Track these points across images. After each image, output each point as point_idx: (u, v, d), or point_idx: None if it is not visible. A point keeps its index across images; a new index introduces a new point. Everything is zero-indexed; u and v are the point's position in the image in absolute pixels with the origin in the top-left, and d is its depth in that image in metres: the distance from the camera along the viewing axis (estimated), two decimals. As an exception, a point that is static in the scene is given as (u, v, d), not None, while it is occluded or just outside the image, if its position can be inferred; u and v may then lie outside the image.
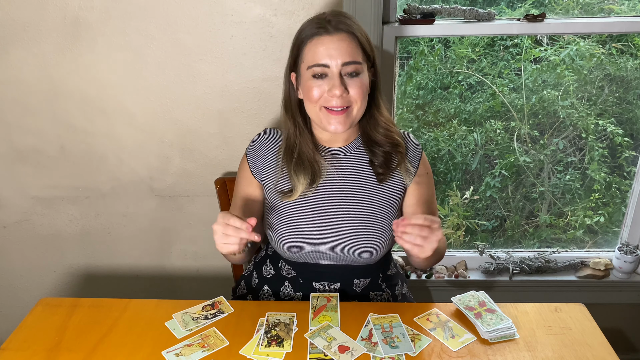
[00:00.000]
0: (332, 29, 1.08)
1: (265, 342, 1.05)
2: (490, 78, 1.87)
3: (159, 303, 1.17)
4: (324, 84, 1.09)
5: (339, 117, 1.11)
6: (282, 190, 1.22)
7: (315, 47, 1.08)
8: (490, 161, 1.95)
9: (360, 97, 1.11)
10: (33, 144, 1.68)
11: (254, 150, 1.27)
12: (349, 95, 1.10)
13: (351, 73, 1.09)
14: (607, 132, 1.84)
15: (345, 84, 1.09)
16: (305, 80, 1.11)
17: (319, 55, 1.08)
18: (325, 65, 1.08)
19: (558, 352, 1.04)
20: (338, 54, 1.07)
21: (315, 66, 1.08)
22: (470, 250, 1.94)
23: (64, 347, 1.06)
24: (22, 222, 1.81)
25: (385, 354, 1.02)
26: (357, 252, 1.20)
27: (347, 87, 1.09)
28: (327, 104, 1.10)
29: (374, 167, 1.22)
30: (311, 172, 1.18)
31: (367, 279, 1.25)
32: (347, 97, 1.10)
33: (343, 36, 1.08)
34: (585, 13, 1.70)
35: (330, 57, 1.07)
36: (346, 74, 1.09)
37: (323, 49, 1.07)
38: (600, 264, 1.85)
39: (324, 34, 1.08)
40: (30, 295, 1.94)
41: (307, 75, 1.10)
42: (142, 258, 1.86)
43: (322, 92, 1.10)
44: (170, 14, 1.49)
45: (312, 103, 1.12)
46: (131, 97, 1.60)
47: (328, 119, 1.12)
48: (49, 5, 1.48)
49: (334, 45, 1.07)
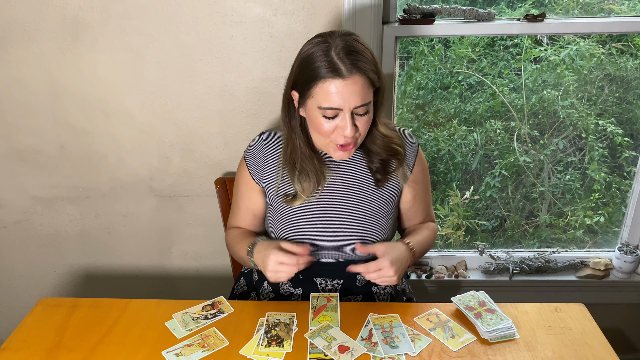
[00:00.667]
0: (345, 73, 1.04)
1: (265, 342, 1.05)
2: (490, 78, 1.87)
3: (159, 303, 1.17)
4: (334, 122, 1.09)
5: (346, 152, 1.14)
6: (285, 194, 1.22)
7: (328, 90, 1.05)
8: (490, 161, 1.95)
9: (365, 129, 1.13)
10: (33, 144, 1.68)
11: (253, 156, 1.26)
12: (356, 132, 1.11)
13: (360, 113, 1.09)
14: (607, 132, 1.84)
15: (354, 120, 1.09)
16: (315, 116, 1.10)
17: (331, 99, 1.06)
18: (337, 109, 1.07)
19: (558, 352, 1.04)
20: (352, 99, 1.06)
21: (328, 109, 1.07)
22: (470, 250, 1.94)
23: (64, 347, 1.06)
24: (22, 222, 1.81)
25: (385, 354, 1.02)
26: (357, 251, 1.20)
27: (356, 123, 1.10)
28: (336, 140, 1.11)
29: (372, 173, 1.23)
30: (315, 179, 1.19)
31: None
32: (355, 135, 1.11)
33: (356, 79, 1.05)
34: (585, 13, 1.70)
35: (343, 101, 1.06)
36: (356, 114, 1.09)
37: (336, 94, 1.05)
38: (600, 264, 1.85)
39: (337, 78, 1.04)
40: (30, 295, 1.94)
41: (317, 112, 1.09)
42: (142, 258, 1.86)
43: (332, 128, 1.10)
44: (170, 14, 1.49)
45: (322, 136, 1.13)
46: (131, 97, 1.60)
47: (335, 150, 1.14)
48: (49, 5, 1.48)
49: (348, 90, 1.05)
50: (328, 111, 1.07)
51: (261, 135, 1.28)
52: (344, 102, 1.05)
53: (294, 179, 1.19)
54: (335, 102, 1.05)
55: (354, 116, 1.09)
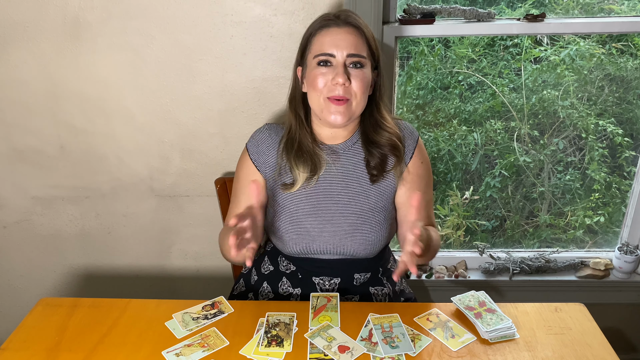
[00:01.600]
0: (340, 22, 1.14)
1: (265, 342, 1.05)
2: (490, 78, 1.87)
3: (159, 303, 1.17)
4: (329, 73, 1.13)
5: (340, 108, 1.14)
6: (284, 182, 1.22)
7: (323, 38, 1.14)
8: (490, 161, 1.95)
9: (361, 90, 1.14)
10: (33, 144, 1.68)
11: (256, 145, 1.27)
12: (350, 86, 1.13)
13: (355, 64, 1.13)
14: (607, 132, 1.84)
15: (349, 74, 1.13)
16: (311, 70, 1.15)
17: (325, 45, 1.13)
18: (331, 55, 1.12)
19: (558, 352, 1.04)
20: (344, 44, 1.12)
21: (321, 55, 1.13)
22: (470, 250, 1.94)
23: (64, 347, 1.06)
24: (22, 222, 1.81)
25: (385, 354, 1.02)
26: (356, 246, 1.21)
27: (350, 77, 1.13)
28: (330, 93, 1.14)
29: (369, 168, 1.23)
30: (311, 163, 1.20)
31: (368, 273, 1.26)
32: (348, 88, 1.13)
33: (351, 30, 1.13)
34: (585, 13, 1.70)
35: (336, 47, 1.12)
36: (350, 65, 1.13)
37: (330, 39, 1.13)
38: (600, 264, 1.85)
39: (333, 26, 1.13)
40: (30, 295, 1.94)
41: (313, 64, 1.15)
42: (142, 258, 1.86)
43: (326, 80, 1.13)
44: (170, 14, 1.49)
45: (316, 92, 1.15)
46: (131, 97, 1.60)
47: (329, 108, 1.15)
48: (49, 5, 1.48)
49: (341, 37, 1.12)
50: (322, 57, 1.13)
51: (265, 125, 1.30)
52: (337, 48, 1.12)
53: (291, 161, 1.21)
54: (328, 47, 1.12)
55: (348, 69, 1.13)
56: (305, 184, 1.21)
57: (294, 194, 1.22)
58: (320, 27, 1.15)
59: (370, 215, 1.22)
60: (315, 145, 1.22)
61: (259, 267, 1.33)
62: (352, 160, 1.24)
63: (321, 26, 1.15)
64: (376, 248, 1.23)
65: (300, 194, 1.22)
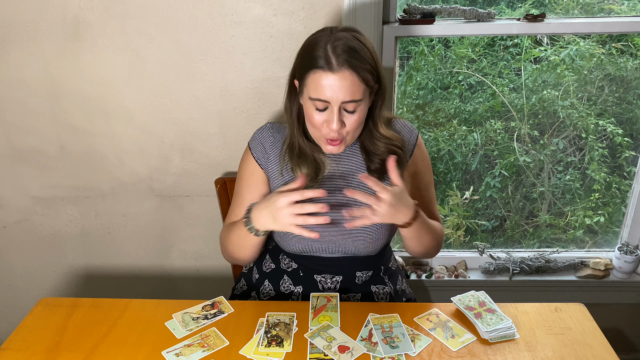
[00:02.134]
0: (336, 67, 1.06)
1: (265, 342, 1.05)
2: (490, 78, 1.87)
3: (159, 303, 1.17)
4: (324, 115, 1.12)
5: (334, 147, 1.15)
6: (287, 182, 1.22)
7: (319, 81, 1.08)
8: (490, 161, 1.95)
9: (354, 127, 1.14)
10: (33, 144, 1.68)
11: (259, 144, 1.27)
12: (344, 128, 1.12)
13: (350, 111, 1.11)
14: (607, 132, 1.84)
15: (343, 118, 1.11)
16: (308, 107, 1.14)
17: (320, 91, 1.08)
18: (325, 101, 1.10)
19: (558, 352, 1.04)
20: (340, 92, 1.07)
21: (317, 100, 1.10)
22: (470, 250, 1.94)
23: (64, 347, 1.06)
24: (22, 222, 1.81)
25: (385, 354, 1.02)
26: (357, 244, 1.21)
27: (344, 119, 1.12)
28: (326, 135, 1.14)
29: (370, 172, 1.23)
30: (314, 165, 1.20)
31: (369, 271, 1.26)
32: (342, 131, 1.13)
33: (346, 75, 1.06)
34: (585, 13, 1.70)
35: (331, 94, 1.08)
36: (345, 109, 1.11)
37: (326, 86, 1.08)
38: (600, 264, 1.85)
39: (328, 71, 1.07)
40: (30, 295, 1.94)
41: (309, 103, 1.12)
42: (142, 258, 1.86)
43: (322, 121, 1.12)
44: (170, 14, 1.49)
45: (313, 127, 1.15)
46: (131, 97, 1.60)
47: (325, 144, 1.16)
48: (49, 5, 1.48)
49: (337, 84, 1.07)
50: (317, 102, 1.10)
51: (267, 124, 1.30)
52: (332, 95, 1.08)
53: (294, 163, 1.20)
54: (323, 94, 1.08)
55: (343, 112, 1.11)
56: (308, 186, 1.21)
57: None
58: (317, 68, 1.07)
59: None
60: (316, 151, 1.22)
61: (260, 265, 1.33)
62: (353, 160, 1.24)
63: (318, 66, 1.07)
64: (377, 246, 1.24)
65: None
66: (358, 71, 1.07)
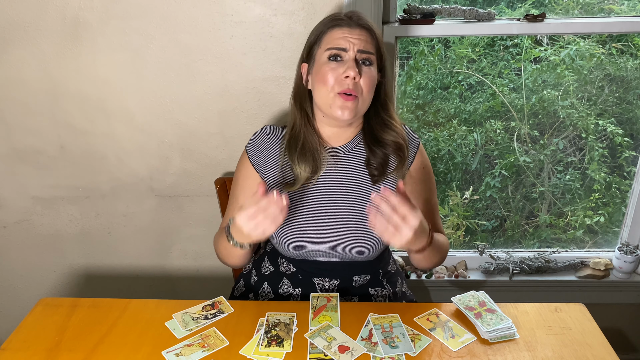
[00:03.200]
0: (353, 23, 1.16)
1: (265, 342, 1.05)
2: (490, 78, 1.87)
3: (159, 303, 1.17)
4: (339, 67, 1.14)
5: (348, 103, 1.14)
6: (285, 182, 1.22)
7: (335, 34, 1.16)
8: (490, 161, 1.95)
9: (368, 87, 1.16)
10: (33, 144, 1.68)
11: (256, 148, 1.27)
12: (359, 81, 1.14)
13: (364, 60, 1.16)
14: (607, 132, 1.84)
15: (360, 69, 1.14)
16: (321, 65, 1.16)
17: (338, 40, 1.15)
18: (343, 49, 1.15)
19: (558, 352, 1.04)
20: (356, 41, 1.15)
21: (334, 49, 1.15)
22: (470, 250, 1.94)
23: (64, 347, 1.06)
24: (22, 222, 1.81)
25: (385, 354, 1.02)
26: (355, 250, 1.21)
27: (360, 72, 1.14)
28: (339, 88, 1.14)
29: (370, 169, 1.22)
30: (312, 162, 1.20)
31: (367, 275, 1.26)
32: (357, 84, 1.14)
33: (363, 31, 1.16)
34: (585, 13, 1.70)
35: (349, 42, 1.15)
36: (361, 60, 1.15)
37: (342, 36, 1.15)
38: (600, 264, 1.85)
39: (345, 26, 1.16)
40: (30, 295, 1.94)
41: (324, 58, 1.16)
42: (142, 258, 1.86)
43: (336, 75, 1.14)
44: (170, 14, 1.49)
45: (326, 86, 1.15)
46: (131, 97, 1.60)
47: (337, 102, 1.15)
48: (49, 5, 1.48)
49: (354, 35, 1.15)
50: (334, 50, 1.15)
51: (265, 127, 1.30)
52: (349, 43, 1.14)
53: (294, 159, 1.20)
54: (342, 43, 1.15)
55: (358, 64, 1.15)
56: (305, 184, 1.21)
57: (294, 198, 1.21)
58: (332, 25, 1.17)
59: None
60: (320, 144, 1.23)
61: (259, 267, 1.33)
62: (352, 163, 1.24)
63: (333, 25, 1.17)
64: (376, 251, 1.23)
65: (300, 198, 1.22)
66: (372, 32, 1.17)
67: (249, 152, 1.28)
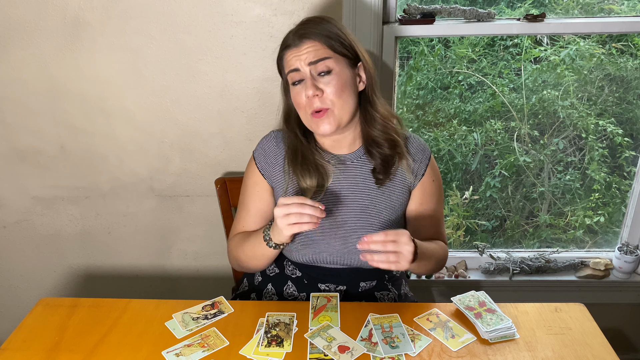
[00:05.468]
0: (297, 40, 1.13)
1: (265, 342, 1.05)
2: (490, 78, 1.87)
3: (159, 303, 1.17)
4: (302, 90, 1.13)
5: (323, 119, 1.14)
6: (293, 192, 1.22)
7: (287, 57, 1.15)
8: (490, 161, 1.95)
9: (337, 94, 1.12)
10: (33, 144, 1.68)
11: (264, 154, 1.26)
12: (324, 95, 1.12)
13: (321, 72, 1.12)
14: (607, 132, 1.84)
15: (318, 83, 1.12)
16: (291, 91, 1.17)
17: (290, 62, 1.14)
18: (295, 70, 1.13)
19: (558, 352, 1.04)
20: (305, 55, 1.13)
21: (290, 71, 1.14)
22: (470, 250, 1.94)
23: (64, 347, 1.06)
24: (22, 222, 1.81)
25: (385, 354, 1.02)
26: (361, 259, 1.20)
27: (320, 86, 1.12)
28: (309, 108, 1.14)
29: (374, 173, 1.22)
30: (317, 175, 1.19)
31: (373, 281, 1.26)
32: (323, 98, 1.12)
33: (309, 41, 1.12)
34: (585, 13, 1.70)
35: (298, 60, 1.13)
36: (318, 74, 1.12)
37: (292, 57, 1.14)
38: (600, 264, 1.85)
39: (292, 45, 1.14)
40: (30, 295, 1.94)
41: (289, 86, 1.17)
42: (142, 258, 1.86)
43: (302, 98, 1.14)
44: (170, 14, 1.49)
45: (300, 109, 1.16)
46: (131, 97, 1.60)
47: (315, 122, 1.15)
48: (49, 5, 1.48)
49: (301, 51, 1.13)
50: (290, 75, 1.14)
51: (272, 133, 1.29)
52: (298, 61, 1.13)
53: (297, 173, 1.19)
54: (293, 63, 1.13)
55: (317, 77, 1.12)
56: (314, 196, 1.19)
57: None
58: (283, 49, 1.16)
59: (378, 228, 1.20)
60: (321, 158, 1.21)
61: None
62: (360, 171, 1.23)
63: (283, 48, 1.16)
64: None
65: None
66: (315, 38, 1.13)
67: (256, 159, 1.27)
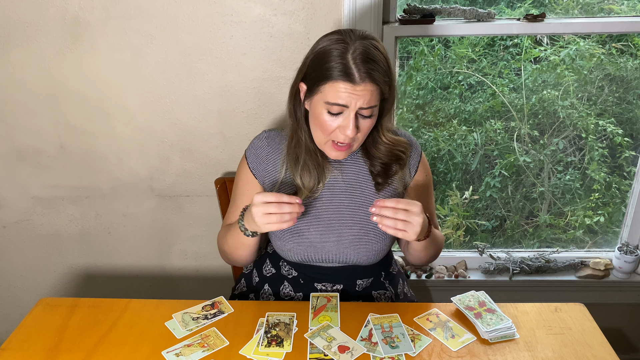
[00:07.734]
0: (358, 80, 1.05)
1: (265, 342, 1.05)
2: (490, 78, 1.87)
3: (159, 303, 1.17)
4: (338, 120, 1.10)
5: (342, 151, 1.14)
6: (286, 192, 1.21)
7: (338, 89, 1.06)
8: (490, 161, 1.95)
9: (364, 134, 1.13)
10: (33, 144, 1.68)
11: (255, 154, 1.26)
12: (357, 134, 1.11)
13: (365, 115, 1.10)
14: (607, 132, 1.84)
15: (358, 124, 1.10)
16: (319, 111, 1.11)
17: (340, 97, 1.06)
18: (344, 106, 1.08)
19: (558, 352, 1.04)
20: (359, 100, 1.07)
21: (335, 105, 1.08)
22: (470, 250, 1.94)
23: (64, 347, 1.06)
24: (22, 222, 1.81)
25: (385, 354, 1.02)
26: (358, 256, 1.20)
27: (357, 125, 1.10)
28: (335, 138, 1.12)
29: (373, 176, 1.23)
30: (316, 174, 1.19)
31: (370, 278, 1.26)
32: (354, 136, 1.11)
33: (368, 87, 1.06)
34: (585, 13, 1.70)
35: (351, 101, 1.07)
36: (361, 115, 1.10)
37: (345, 94, 1.06)
38: (600, 264, 1.85)
39: (348, 82, 1.05)
40: (30, 295, 1.94)
41: (322, 108, 1.10)
42: (142, 258, 1.86)
43: (334, 125, 1.10)
44: (170, 14, 1.49)
45: (322, 132, 1.13)
46: (131, 97, 1.60)
47: (331, 149, 1.15)
48: (49, 5, 1.48)
49: (357, 94, 1.06)
50: (334, 107, 1.08)
51: (264, 133, 1.28)
52: (351, 102, 1.06)
53: (296, 173, 1.19)
54: (343, 100, 1.06)
55: (358, 117, 1.09)
56: (309, 195, 1.20)
57: None
58: (337, 77, 1.05)
59: (374, 225, 1.20)
60: (322, 156, 1.21)
61: (260, 268, 1.33)
62: (356, 169, 1.23)
63: (338, 77, 1.05)
64: (378, 257, 1.23)
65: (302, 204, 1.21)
66: (379, 84, 1.07)
67: (248, 158, 1.27)
